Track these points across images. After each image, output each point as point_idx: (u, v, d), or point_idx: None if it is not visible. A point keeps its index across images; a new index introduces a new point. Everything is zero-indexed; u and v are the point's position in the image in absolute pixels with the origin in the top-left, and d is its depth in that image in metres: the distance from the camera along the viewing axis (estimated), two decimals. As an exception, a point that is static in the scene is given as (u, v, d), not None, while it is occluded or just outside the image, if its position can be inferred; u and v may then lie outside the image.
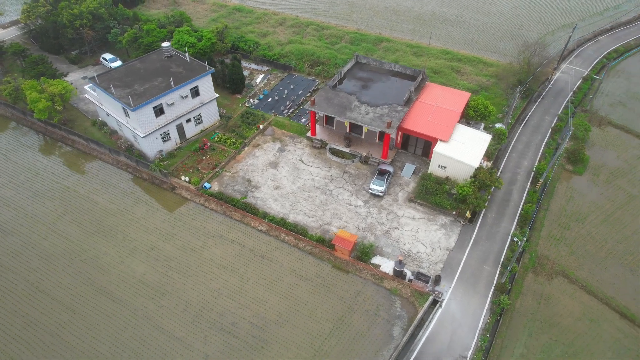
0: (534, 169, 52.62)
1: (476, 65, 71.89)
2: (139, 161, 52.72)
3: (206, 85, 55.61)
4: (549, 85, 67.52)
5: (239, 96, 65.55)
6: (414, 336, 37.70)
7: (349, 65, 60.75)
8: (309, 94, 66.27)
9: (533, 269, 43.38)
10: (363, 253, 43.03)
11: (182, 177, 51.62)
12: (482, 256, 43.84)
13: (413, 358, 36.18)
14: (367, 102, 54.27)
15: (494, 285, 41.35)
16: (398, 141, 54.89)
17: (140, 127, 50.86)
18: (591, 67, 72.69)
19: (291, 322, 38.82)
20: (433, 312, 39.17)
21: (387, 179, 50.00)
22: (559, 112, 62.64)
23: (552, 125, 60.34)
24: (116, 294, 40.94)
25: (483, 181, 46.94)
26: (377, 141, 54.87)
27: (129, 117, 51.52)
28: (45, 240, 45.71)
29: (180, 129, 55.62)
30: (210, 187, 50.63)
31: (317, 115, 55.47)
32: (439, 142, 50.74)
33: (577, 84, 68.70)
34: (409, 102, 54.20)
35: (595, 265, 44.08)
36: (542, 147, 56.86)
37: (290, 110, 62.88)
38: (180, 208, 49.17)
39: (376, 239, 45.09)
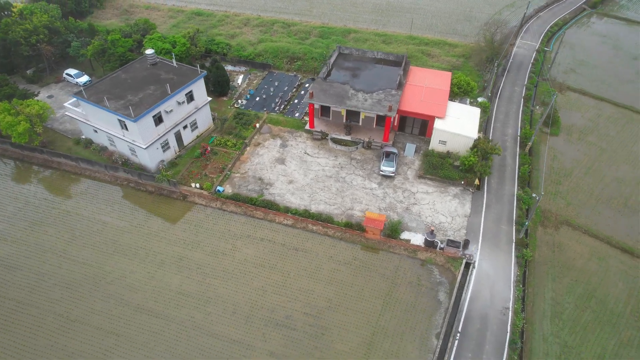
0: (520, 134, 57.54)
1: (442, 47, 76.50)
2: (141, 174, 50.60)
3: (200, 89, 54.51)
4: (510, 60, 73.66)
5: (225, 98, 64.64)
6: (458, 298, 40.30)
7: (333, 57, 62.24)
8: (294, 90, 66.92)
9: (541, 223, 47.81)
10: (392, 230, 44.97)
11: (193, 184, 50.34)
12: (496, 217, 47.57)
13: (463, 318, 38.77)
14: (362, 90, 56.15)
15: (514, 241, 45.15)
16: (395, 124, 57.40)
17: (142, 138, 48.87)
18: (540, 40, 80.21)
19: (342, 305, 39.85)
20: (469, 274, 42.08)
21: (394, 160, 52.32)
22: (525, 83, 68.68)
23: (523, 95, 66.10)
24: (157, 310, 39.46)
25: (484, 150, 50.77)
26: (374, 126, 57.08)
27: (126, 129, 49.29)
28: (60, 268, 42.72)
29: (178, 137, 54.05)
30: (223, 191, 49.92)
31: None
32: (436, 119, 53.89)
33: (533, 56, 75.56)
34: (400, 85, 56.86)
35: (590, 211, 49.52)
36: (520, 115, 62.21)
37: (282, 107, 63.22)
38: (198, 215, 48.05)
39: (399, 216, 47.23)
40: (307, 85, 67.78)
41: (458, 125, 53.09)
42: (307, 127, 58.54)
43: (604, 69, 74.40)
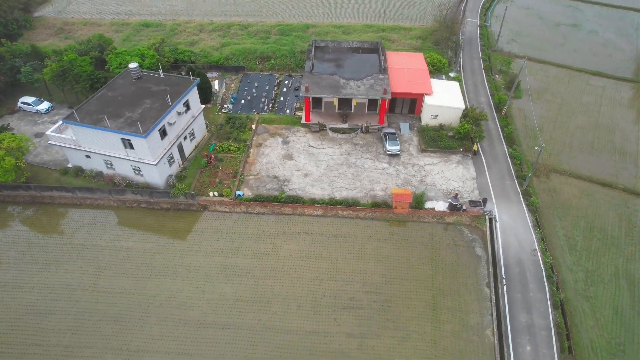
0: (494, 100, 63.70)
1: (399, 32, 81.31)
2: (153, 192, 48.32)
3: (194, 97, 53.07)
4: (462, 37, 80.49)
5: (209, 105, 63.15)
6: (493, 250, 44.50)
7: (312, 51, 63.70)
8: (275, 88, 67.27)
9: (534, 174, 53.92)
10: (417, 202, 48.06)
11: (211, 193, 49.18)
12: (499, 175, 52.77)
13: (503, 266, 43.01)
14: (351, 78, 58.46)
15: (520, 193, 50.57)
16: (385, 106, 60.52)
17: (151, 154, 46.71)
18: (478, 16, 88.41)
19: (397, 277, 42.13)
20: (494, 227, 46.54)
21: (397, 139, 55.46)
22: (480, 56, 75.70)
23: (482, 66, 72.88)
24: (221, 321, 38.63)
25: (475, 117, 55.80)
26: (366, 111, 59.78)
27: (130, 148, 46.75)
28: (99, 303, 39.84)
29: (181, 149, 52.24)
30: (243, 194, 49.44)
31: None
32: (425, 96, 57.93)
33: (477, 31, 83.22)
34: (384, 70, 60.04)
35: (568, 158, 56.75)
36: (486, 84, 68.70)
37: (270, 105, 63.40)
38: (226, 222, 47.23)
39: (417, 189, 50.46)
40: (286, 82, 68.47)
41: (446, 99, 57.59)
42: (303, 121, 59.58)
43: (537, 36, 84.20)
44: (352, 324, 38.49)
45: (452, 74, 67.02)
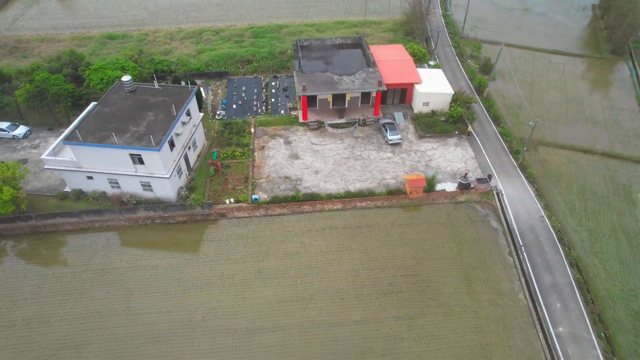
0: (474, 84, 67.46)
1: (370, 26, 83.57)
2: (167, 207, 46.89)
3: (194, 106, 51.95)
4: (429, 27, 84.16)
5: (201, 113, 61.73)
6: (506, 221, 47.58)
7: (299, 51, 64.19)
8: (264, 90, 67.04)
9: (525, 147, 58.00)
10: (430, 185, 50.23)
11: (227, 200, 48.51)
12: (494, 152, 56.25)
13: (518, 234, 46.15)
14: (344, 74, 59.66)
15: (517, 166, 54.27)
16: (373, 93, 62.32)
17: (164, 167, 45.32)
18: (439, 6, 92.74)
19: (427, 258, 44.00)
20: (503, 201, 49.73)
21: (396, 128, 57.47)
22: (451, 43, 79.67)
23: (455, 53, 76.79)
24: (269, 325, 38.53)
25: (464, 101, 59.01)
26: (359, 105, 61.28)
27: (140, 163, 45.10)
28: (138, 326, 38.32)
29: (186, 159, 50.97)
30: (259, 198, 49.22)
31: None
32: (416, 85, 60.39)
33: (443, 21, 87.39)
34: (373, 63, 61.81)
35: (549, 130, 61.57)
36: (463, 69, 72.53)
37: (264, 108, 63.17)
38: (249, 227, 46.86)
39: (426, 173, 52.68)
40: (273, 83, 68.41)
41: (435, 85, 60.38)
42: (301, 120, 60.02)
43: (495, 22, 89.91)
44: (397, 307, 39.84)
45: (432, 63, 70.16)
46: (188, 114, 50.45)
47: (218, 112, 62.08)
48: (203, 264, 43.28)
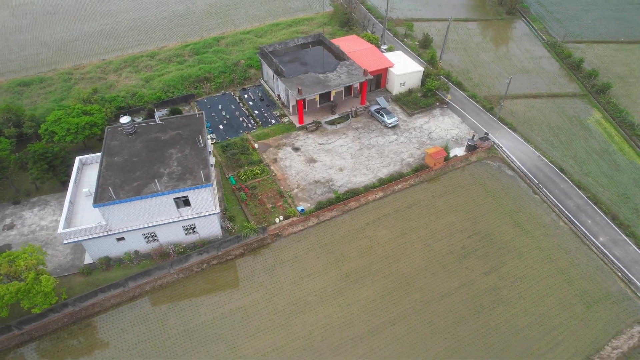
0: (427, 59, 73.84)
1: (304, 23, 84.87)
2: (221, 244, 43.44)
3: (204, 131, 48.22)
4: (359, 15, 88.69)
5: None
6: (517, 167, 54.54)
7: (272, 58, 63.03)
8: (239, 104, 64.35)
9: (490, 103, 66.13)
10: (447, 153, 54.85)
11: (277, 219, 46.69)
12: (474, 113, 63.16)
13: (530, 174, 53.37)
14: (326, 71, 60.68)
15: (497, 121, 61.86)
16: (357, 86, 64.77)
17: (213, 202, 41.85)
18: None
19: (478, 216, 48.46)
20: (504, 151, 56.67)
21: (391, 112, 60.79)
22: (384, 28, 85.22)
23: (392, 34, 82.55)
24: (386, 319, 39.10)
25: (435, 74, 64.82)
26: (342, 98, 63.16)
27: (186, 205, 41.03)
28: (260, 370, 35.66)
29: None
30: (303, 209, 48.38)
31: (291, 103, 58.05)
32: (390, 69, 64.24)
33: (363, 8, 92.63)
34: (347, 56, 63.79)
35: (500, 85, 70.61)
36: (406, 47, 78.57)
37: (252, 123, 60.84)
38: (308, 239, 45.98)
39: (432, 145, 57.10)
40: (245, 96, 65.98)
41: (406, 66, 64.98)
42: (298, 124, 59.57)
43: (407, 1, 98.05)
44: (480, 265, 43.63)
45: (384, 47, 74.69)
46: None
47: (209, 136, 58.03)
48: (288, 287, 41.53)
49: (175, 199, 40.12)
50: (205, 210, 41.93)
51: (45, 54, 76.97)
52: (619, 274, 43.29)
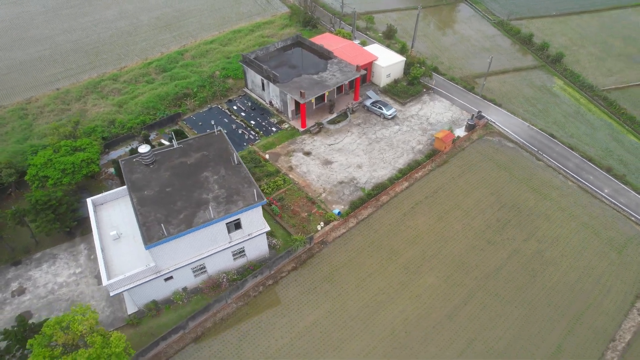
0: (399, 49, 75.97)
1: (266, 26, 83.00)
2: (275, 261, 41.52)
3: (232, 148, 45.56)
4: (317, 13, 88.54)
5: (196, 163, 53.46)
6: (514, 139, 58.49)
7: (253, 65, 60.95)
8: (231, 116, 61.45)
9: (468, 83, 69.92)
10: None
11: (318, 227, 45.59)
12: (460, 94, 66.42)
13: (529, 144, 57.60)
14: (318, 71, 60.13)
15: (482, 98, 65.69)
16: (347, 83, 64.93)
17: (262, 219, 39.81)
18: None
19: (498, 190, 51.23)
20: (499, 125, 60.45)
21: (389, 104, 61.91)
22: (354, 23, 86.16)
23: (355, 28, 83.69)
24: (457, 302, 40.19)
25: (417, 62, 67.12)
26: (335, 97, 63.16)
27: (237, 228, 38.65)
28: None
29: (248, 209, 45.05)
30: (340, 211, 47.80)
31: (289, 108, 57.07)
32: (375, 63, 65.28)
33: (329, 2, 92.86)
34: (333, 54, 63.59)
35: (468, 65, 74.82)
36: (372, 40, 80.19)
37: (253, 134, 58.44)
38: (354, 240, 45.51)
39: (434, 130, 59.23)
40: (234, 107, 63.13)
41: (388, 57, 66.46)
42: (301, 129, 58.43)
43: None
44: (518, 233, 46.39)
45: (357, 42, 75.50)
46: (230, 160, 44.20)
47: (213, 155, 54.75)
48: (354, 291, 40.90)
49: (227, 224, 37.50)
50: (255, 230, 39.73)
51: (-20, 92, 67.27)
52: (632, 218, 48.52)
